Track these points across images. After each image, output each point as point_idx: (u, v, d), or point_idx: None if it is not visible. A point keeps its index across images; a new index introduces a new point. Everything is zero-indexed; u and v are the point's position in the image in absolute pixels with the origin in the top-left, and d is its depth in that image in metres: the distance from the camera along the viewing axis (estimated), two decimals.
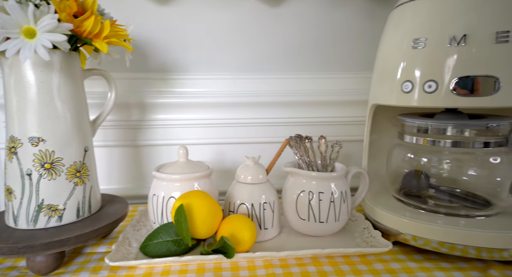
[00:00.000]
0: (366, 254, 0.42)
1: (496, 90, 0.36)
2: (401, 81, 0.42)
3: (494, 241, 0.38)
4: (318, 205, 0.44)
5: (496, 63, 0.36)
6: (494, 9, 0.36)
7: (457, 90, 0.38)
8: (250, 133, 0.64)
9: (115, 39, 0.40)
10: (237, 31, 0.62)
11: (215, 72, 0.63)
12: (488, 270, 0.38)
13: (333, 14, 0.63)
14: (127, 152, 0.63)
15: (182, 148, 0.47)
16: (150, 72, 0.63)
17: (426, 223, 0.41)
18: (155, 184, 0.46)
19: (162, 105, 0.62)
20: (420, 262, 0.40)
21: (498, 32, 0.36)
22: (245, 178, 0.47)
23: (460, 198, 0.46)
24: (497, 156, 0.43)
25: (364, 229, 0.47)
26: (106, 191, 0.57)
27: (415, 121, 0.45)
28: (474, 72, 0.37)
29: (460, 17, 0.37)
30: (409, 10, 0.42)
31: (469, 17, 0.37)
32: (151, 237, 0.41)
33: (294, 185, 0.47)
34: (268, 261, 0.41)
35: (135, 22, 0.60)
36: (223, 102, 0.62)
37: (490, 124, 0.41)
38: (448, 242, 0.40)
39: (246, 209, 0.45)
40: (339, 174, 0.46)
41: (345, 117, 0.64)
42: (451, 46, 0.38)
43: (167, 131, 0.64)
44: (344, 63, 0.65)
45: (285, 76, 0.64)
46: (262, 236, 0.46)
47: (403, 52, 0.42)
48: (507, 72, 0.36)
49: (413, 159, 0.47)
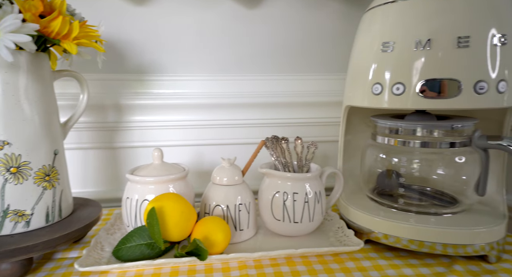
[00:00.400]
0: (339, 253, 0.43)
1: (459, 92, 0.38)
2: (372, 83, 0.43)
3: (459, 237, 0.40)
4: (293, 206, 0.45)
5: (458, 67, 0.37)
6: (456, 15, 0.38)
7: (422, 92, 0.39)
8: (228, 135, 0.64)
9: (85, 40, 0.39)
10: (214, 32, 0.62)
11: (193, 73, 0.63)
12: (453, 265, 0.39)
13: (310, 16, 0.63)
14: (103, 154, 0.62)
15: (157, 150, 0.47)
16: (127, 73, 0.62)
17: (396, 221, 0.42)
18: (129, 187, 0.45)
19: (139, 106, 0.62)
20: (390, 260, 0.41)
21: (459, 37, 0.37)
22: (221, 180, 0.47)
23: (430, 196, 0.48)
24: (462, 156, 0.45)
25: (339, 228, 0.48)
26: (81, 195, 0.55)
27: (386, 122, 0.47)
28: (438, 75, 0.38)
29: (425, 22, 0.39)
30: (379, 14, 0.43)
31: (433, 23, 0.38)
32: (124, 240, 0.41)
33: (269, 186, 0.47)
34: (243, 262, 0.41)
35: (111, 23, 0.60)
36: (201, 104, 0.62)
37: (455, 125, 0.43)
38: (417, 240, 0.41)
39: (221, 210, 0.45)
40: (313, 175, 0.46)
41: (322, 118, 0.65)
42: (417, 50, 0.39)
43: (144, 133, 0.63)
44: (320, 64, 0.66)
45: (262, 78, 0.64)
46: (238, 237, 0.46)
47: (373, 55, 0.43)
48: (467, 75, 0.37)
49: (385, 159, 0.49)
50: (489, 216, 0.43)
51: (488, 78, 0.37)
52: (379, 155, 0.49)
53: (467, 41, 0.37)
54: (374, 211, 0.45)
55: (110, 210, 0.58)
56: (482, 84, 0.37)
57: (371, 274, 0.38)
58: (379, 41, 0.42)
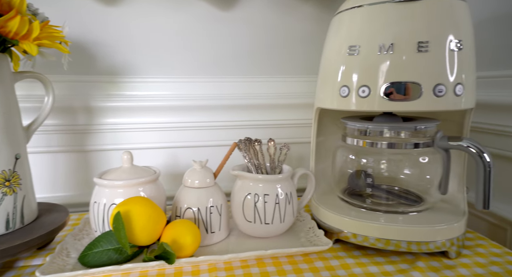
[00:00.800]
0: (309, 253, 0.43)
1: (420, 95, 0.39)
2: (339, 86, 0.44)
3: (422, 234, 0.41)
4: (264, 207, 0.45)
5: (419, 71, 0.39)
6: (416, 21, 0.39)
7: (386, 95, 0.40)
8: (203, 137, 0.64)
9: (47, 41, 0.38)
10: (188, 34, 0.62)
11: (166, 75, 0.63)
12: (416, 262, 0.41)
13: (283, 19, 0.64)
14: (73, 157, 0.61)
15: (126, 154, 0.46)
16: (98, 75, 0.61)
17: (364, 221, 0.43)
18: (97, 191, 0.44)
19: (111, 108, 0.61)
20: (358, 258, 0.43)
21: (420, 42, 0.39)
22: (192, 183, 0.46)
23: (397, 195, 0.49)
24: (425, 156, 0.46)
25: (310, 228, 0.49)
26: (50, 199, 0.54)
27: (355, 124, 0.48)
28: (400, 79, 0.40)
29: (388, 27, 0.40)
30: (346, 18, 0.44)
31: (396, 28, 0.40)
32: (91, 246, 0.40)
33: (241, 188, 0.47)
34: (213, 264, 0.41)
35: (81, 23, 0.58)
36: (175, 106, 0.62)
37: (419, 127, 0.44)
38: (383, 238, 0.42)
39: (192, 213, 0.45)
40: (284, 176, 0.47)
41: (296, 119, 0.66)
42: (381, 53, 0.40)
43: (117, 135, 0.62)
44: (292, 66, 0.67)
45: (235, 80, 0.64)
46: (209, 239, 0.46)
47: (341, 58, 0.44)
48: (427, 79, 0.39)
49: (354, 160, 0.50)
50: (451, 213, 0.45)
51: (446, 81, 0.39)
52: (349, 156, 0.50)
53: (426, 46, 0.39)
54: (343, 211, 0.46)
55: (80, 215, 0.57)
56: (440, 87, 0.39)
57: (339, 273, 0.39)
58: (346, 45, 0.43)
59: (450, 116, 0.48)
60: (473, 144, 0.41)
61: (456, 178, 0.48)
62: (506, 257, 0.41)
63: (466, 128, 0.46)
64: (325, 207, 0.48)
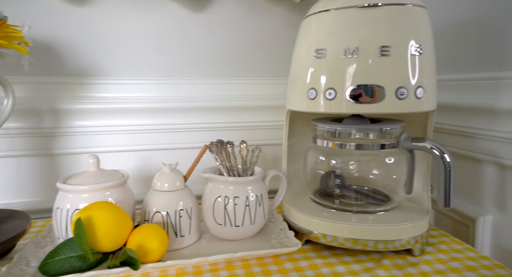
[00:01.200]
0: (279, 255, 0.44)
1: (383, 98, 0.40)
2: (307, 89, 0.44)
3: (388, 233, 0.42)
4: (234, 210, 0.45)
5: (381, 74, 0.40)
6: (379, 26, 0.40)
7: (351, 97, 0.41)
8: (176, 139, 0.63)
9: (4, 41, 0.37)
10: (160, 35, 0.61)
11: (139, 77, 0.62)
12: (382, 260, 0.42)
13: (256, 21, 0.65)
14: (39, 162, 0.58)
15: (92, 157, 0.45)
16: (66, 76, 0.59)
17: (333, 221, 0.44)
18: (60, 197, 0.43)
19: (81, 111, 0.59)
20: (326, 258, 0.43)
21: (382, 46, 0.40)
22: (162, 186, 0.46)
23: (366, 195, 0.51)
24: (391, 157, 0.48)
25: (281, 230, 0.49)
26: (14, 206, 0.52)
27: (324, 125, 0.48)
28: (365, 82, 0.41)
29: (353, 31, 0.41)
30: (314, 22, 0.45)
31: (360, 32, 0.41)
32: (52, 254, 0.38)
33: (211, 191, 0.47)
34: (181, 269, 0.41)
35: (46, 23, 0.56)
36: (147, 108, 0.61)
37: (384, 128, 0.45)
38: (351, 238, 0.43)
39: (161, 217, 0.44)
40: (255, 178, 0.47)
41: (270, 121, 0.67)
42: (346, 57, 0.41)
43: (87, 138, 0.60)
44: (265, 69, 0.67)
45: (208, 82, 0.64)
46: (179, 243, 0.45)
47: (309, 61, 0.44)
48: (390, 82, 0.40)
49: (324, 162, 0.51)
50: (416, 212, 0.47)
51: (408, 84, 0.40)
52: (319, 158, 0.51)
53: (388, 50, 0.40)
54: (313, 212, 0.47)
55: (46, 221, 0.54)
56: (402, 90, 0.40)
57: (307, 274, 0.40)
58: (313, 48, 0.44)
59: (415, 118, 0.49)
60: (434, 145, 0.43)
61: (421, 178, 0.50)
62: (466, 253, 0.43)
63: (429, 129, 0.47)
64: (296, 208, 0.48)
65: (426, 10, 0.42)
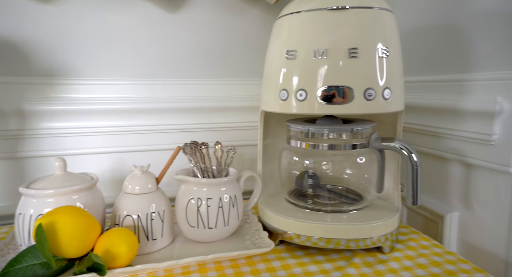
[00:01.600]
0: (252, 256, 0.43)
1: (352, 99, 0.41)
2: (279, 90, 0.45)
3: (359, 232, 0.43)
4: (207, 211, 0.45)
5: (350, 76, 0.41)
6: (348, 28, 0.41)
7: (322, 98, 0.42)
8: (150, 140, 0.62)
9: None
10: (132, 35, 0.60)
11: (110, 77, 0.60)
12: (353, 259, 0.43)
13: (231, 22, 0.65)
14: (5, 165, 0.56)
15: (58, 160, 0.43)
16: (34, 76, 0.57)
17: (306, 221, 0.44)
18: (23, 202, 0.41)
19: (49, 112, 0.57)
20: (299, 258, 0.43)
21: (350, 48, 0.41)
22: (133, 189, 0.45)
23: (339, 195, 0.51)
24: (362, 157, 0.49)
25: (256, 231, 0.49)
26: None
27: (298, 126, 0.49)
28: (334, 83, 0.41)
29: (322, 33, 0.42)
30: (286, 23, 0.45)
31: (329, 34, 0.41)
32: (13, 262, 0.37)
33: (184, 193, 0.46)
34: (152, 273, 0.40)
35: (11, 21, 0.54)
36: (120, 109, 0.59)
37: (355, 128, 0.46)
38: (324, 237, 0.43)
39: (132, 220, 0.43)
40: (229, 179, 0.47)
41: (246, 122, 0.66)
42: (316, 59, 0.42)
43: (56, 140, 0.58)
44: (240, 69, 0.67)
45: (183, 82, 0.63)
46: (151, 247, 0.44)
47: (280, 62, 0.45)
48: (358, 83, 0.41)
49: (298, 162, 0.51)
50: (387, 210, 0.48)
51: (376, 86, 0.41)
52: (293, 158, 0.51)
53: (356, 52, 0.41)
54: (287, 213, 0.47)
55: (11, 228, 0.52)
56: (370, 91, 0.41)
57: (279, 274, 0.40)
58: (285, 49, 0.44)
59: (385, 118, 0.51)
60: (403, 144, 0.44)
61: (392, 177, 0.51)
62: (433, 249, 0.44)
63: (398, 129, 0.49)
64: (270, 209, 0.49)
65: (393, 14, 0.44)
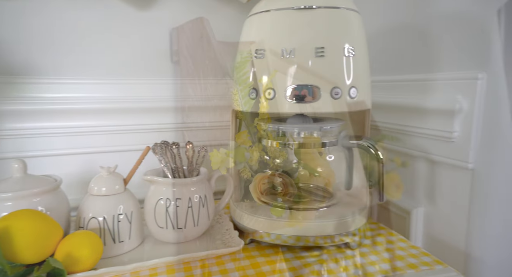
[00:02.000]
0: (222, 255, 0.43)
1: (319, 98, 0.42)
2: (249, 88, 0.45)
3: (327, 228, 0.44)
4: (175, 212, 0.44)
5: (317, 75, 0.41)
6: (315, 28, 0.41)
7: (290, 97, 0.42)
8: (119, 141, 0.60)
9: None
10: (100, 33, 0.58)
11: (75, 76, 0.58)
12: (321, 255, 0.43)
13: None
14: None
15: (17, 162, 0.42)
16: None
17: (275, 219, 0.45)
18: None
19: (11, 112, 0.54)
20: (269, 256, 0.44)
21: (317, 47, 0.41)
22: (99, 190, 0.44)
23: (309, 193, 0.52)
24: (331, 154, 0.49)
25: (227, 230, 0.49)
26: None
27: (268, 125, 0.49)
28: (302, 82, 0.42)
29: (290, 32, 0.42)
30: (255, 22, 0.45)
31: (297, 33, 0.42)
32: None
33: (153, 193, 0.46)
34: (119, 276, 0.39)
35: None
36: (87, 109, 0.57)
37: (324, 127, 0.47)
38: (293, 235, 0.44)
39: (97, 223, 0.42)
40: (198, 179, 0.46)
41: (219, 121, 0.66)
42: (283, 57, 0.42)
43: (18, 142, 0.55)
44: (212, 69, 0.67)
45: (152, 82, 0.62)
46: (118, 249, 0.43)
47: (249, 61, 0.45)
48: (325, 82, 0.41)
49: (269, 161, 0.51)
50: (355, 207, 0.49)
51: (342, 85, 0.42)
52: (264, 157, 0.52)
53: (323, 52, 0.41)
54: (258, 211, 0.47)
55: None
56: (336, 90, 0.42)
57: (248, 273, 0.40)
58: (254, 48, 0.44)
59: (355, 117, 0.52)
60: (370, 142, 0.45)
61: (361, 174, 0.52)
62: (398, 244, 0.46)
63: (367, 127, 0.50)
64: (241, 208, 0.48)
65: (359, 15, 0.44)
